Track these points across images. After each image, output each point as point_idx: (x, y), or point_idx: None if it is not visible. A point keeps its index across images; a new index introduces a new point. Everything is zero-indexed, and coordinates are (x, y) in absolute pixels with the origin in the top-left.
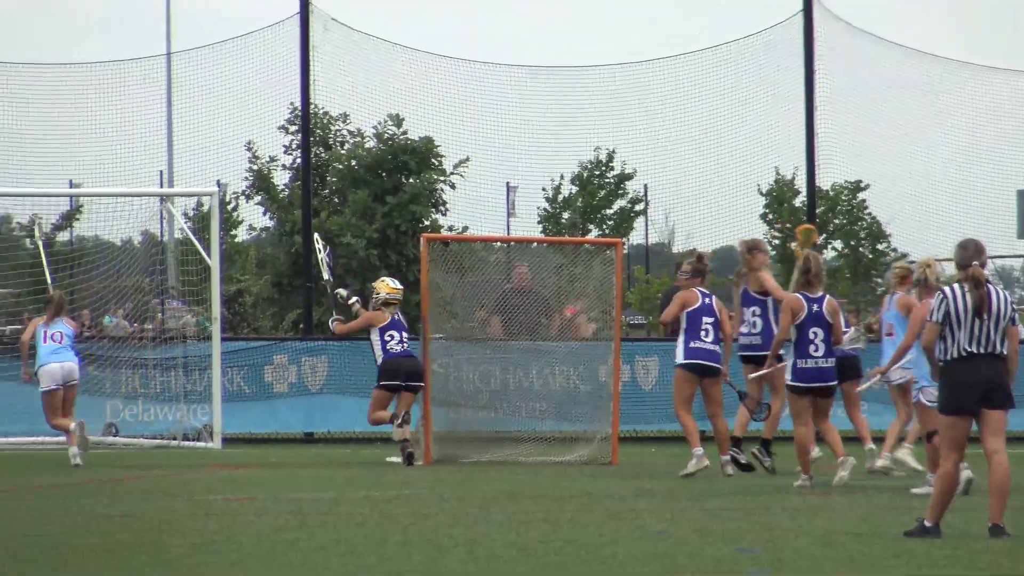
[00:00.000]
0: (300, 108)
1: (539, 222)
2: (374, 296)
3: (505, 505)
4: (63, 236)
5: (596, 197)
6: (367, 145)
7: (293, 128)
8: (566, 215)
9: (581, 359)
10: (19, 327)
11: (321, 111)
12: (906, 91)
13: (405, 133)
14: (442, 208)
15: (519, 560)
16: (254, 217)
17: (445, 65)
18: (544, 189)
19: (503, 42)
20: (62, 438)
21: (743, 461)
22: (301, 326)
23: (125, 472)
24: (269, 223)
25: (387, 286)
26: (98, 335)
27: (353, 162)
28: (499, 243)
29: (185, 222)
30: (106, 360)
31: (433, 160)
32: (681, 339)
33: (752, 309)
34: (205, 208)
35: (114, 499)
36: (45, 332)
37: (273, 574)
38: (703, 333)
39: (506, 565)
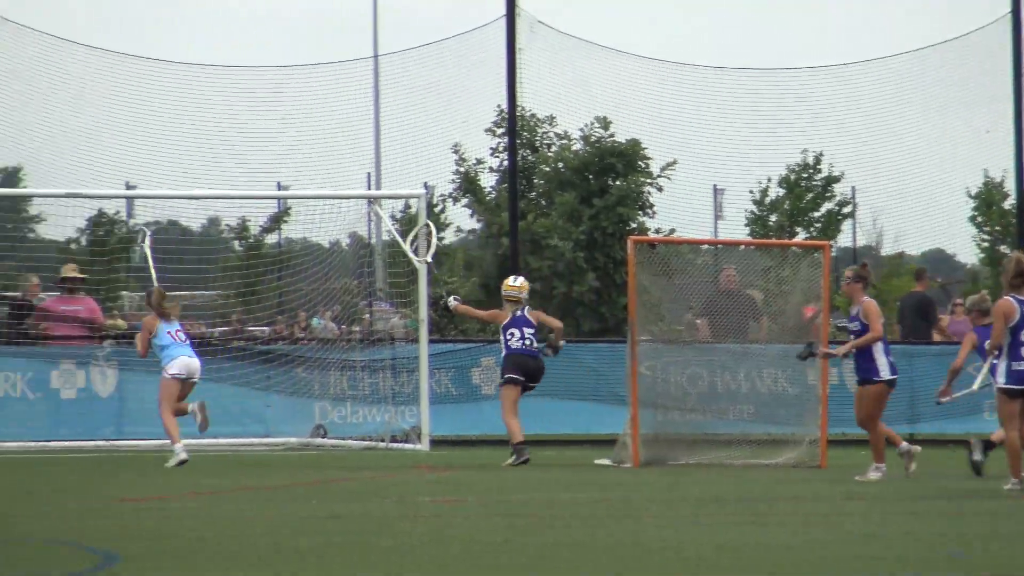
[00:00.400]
0: (507, 110)
1: (746, 224)
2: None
3: (713, 508)
4: (271, 238)
5: (803, 200)
6: (574, 148)
7: (500, 130)
8: (773, 218)
9: (789, 362)
10: (225, 328)
11: (528, 113)
12: None
13: (612, 136)
14: (649, 211)
15: (727, 563)
16: (461, 219)
17: (652, 67)
18: (751, 192)
19: (710, 44)
20: (276, 440)
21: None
22: None
23: (334, 474)
24: (476, 225)
25: (506, 284)
26: (307, 337)
27: (560, 164)
28: (706, 246)
29: (392, 224)
30: (315, 362)
31: (640, 163)
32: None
33: None
34: (412, 210)
35: (323, 501)
36: (168, 331)
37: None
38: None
39: (714, 568)
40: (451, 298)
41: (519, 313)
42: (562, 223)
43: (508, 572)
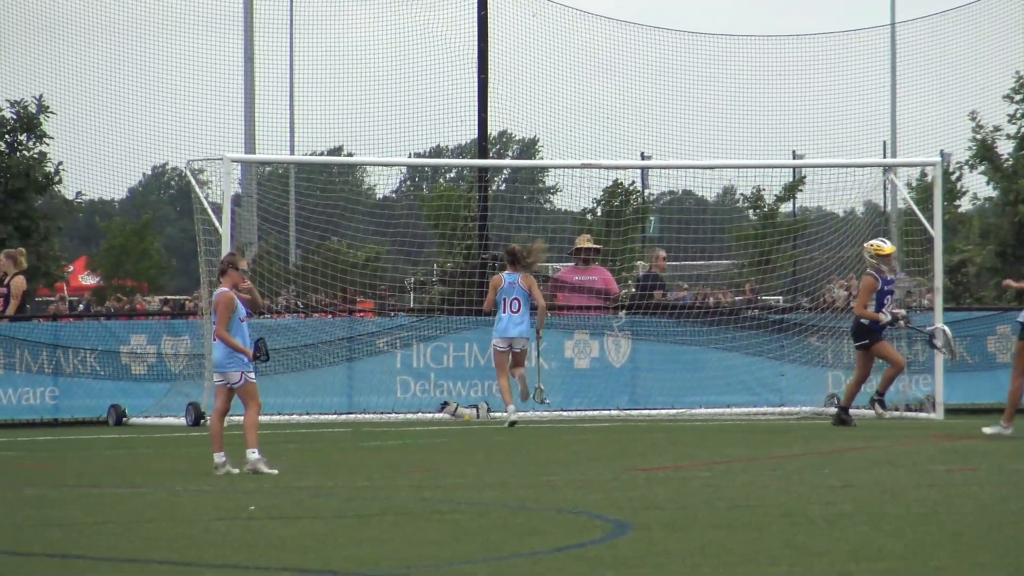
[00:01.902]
0: None
1: None
2: None
3: None
4: (786, 207)
5: None
6: None
7: (1017, 97)
8: None
9: None
10: (739, 298)
11: None
12: None
13: None
14: None
15: None
16: (978, 187)
17: None
18: None
19: None
20: (790, 408)
21: None
22: None
23: (847, 443)
24: (992, 193)
25: None
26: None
27: None
28: None
29: (908, 192)
30: (828, 331)
31: None
32: None
33: None
34: (928, 178)
35: (836, 469)
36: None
37: (995, 545)
38: None
39: None
40: None
41: None
42: None
43: (1019, 541)
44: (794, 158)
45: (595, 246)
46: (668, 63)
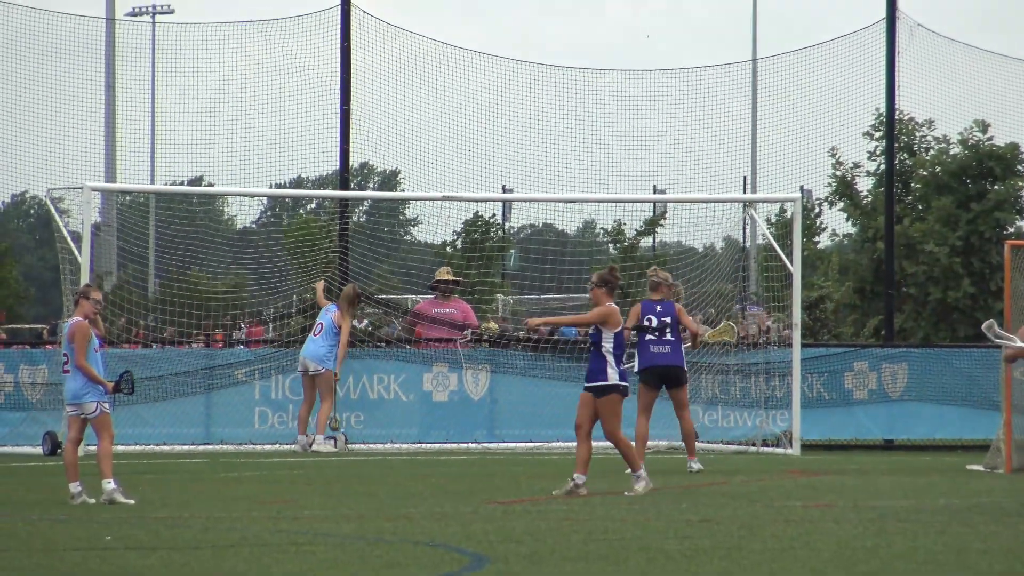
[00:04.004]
0: (885, 114)
1: None
2: None
3: None
4: (646, 242)
5: None
6: (951, 151)
7: (878, 134)
8: None
9: None
10: None
11: (906, 117)
12: None
13: (991, 139)
14: None
15: None
16: (837, 223)
17: None
18: None
19: None
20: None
21: None
22: (882, 333)
23: (705, 478)
24: (851, 229)
25: None
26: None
27: (937, 168)
28: None
29: (767, 228)
30: (689, 366)
31: (1019, 166)
32: None
33: None
34: (788, 214)
35: (694, 504)
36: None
37: None
38: None
39: None
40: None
41: None
42: (938, 228)
43: None
44: (655, 192)
45: (454, 278)
46: (530, 96)
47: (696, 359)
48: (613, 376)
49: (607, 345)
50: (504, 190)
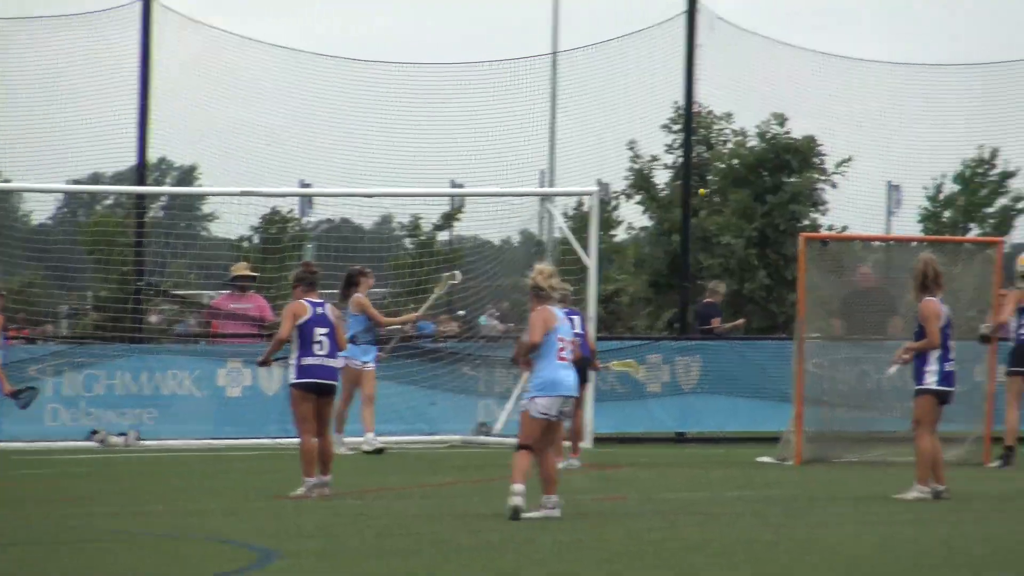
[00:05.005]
0: (683, 107)
1: (919, 221)
2: None
3: (876, 506)
4: (443, 236)
5: (977, 195)
6: (749, 144)
7: (676, 127)
8: (947, 214)
9: (957, 360)
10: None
11: (704, 110)
12: None
13: (788, 132)
14: (822, 208)
15: (887, 561)
16: (634, 217)
17: (828, 63)
18: (925, 188)
19: (886, 40)
20: (440, 437)
21: None
22: (676, 325)
23: (499, 472)
24: (648, 223)
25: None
26: (475, 335)
27: (735, 161)
28: (877, 242)
29: (564, 221)
30: (481, 360)
31: (814, 159)
32: None
33: None
34: (585, 208)
35: (487, 498)
36: None
37: (640, 573)
38: None
39: (871, 565)
40: None
41: None
42: (735, 220)
43: (668, 568)
44: (453, 187)
45: (252, 273)
46: (329, 90)
47: (488, 353)
48: None
49: None
50: (302, 185)
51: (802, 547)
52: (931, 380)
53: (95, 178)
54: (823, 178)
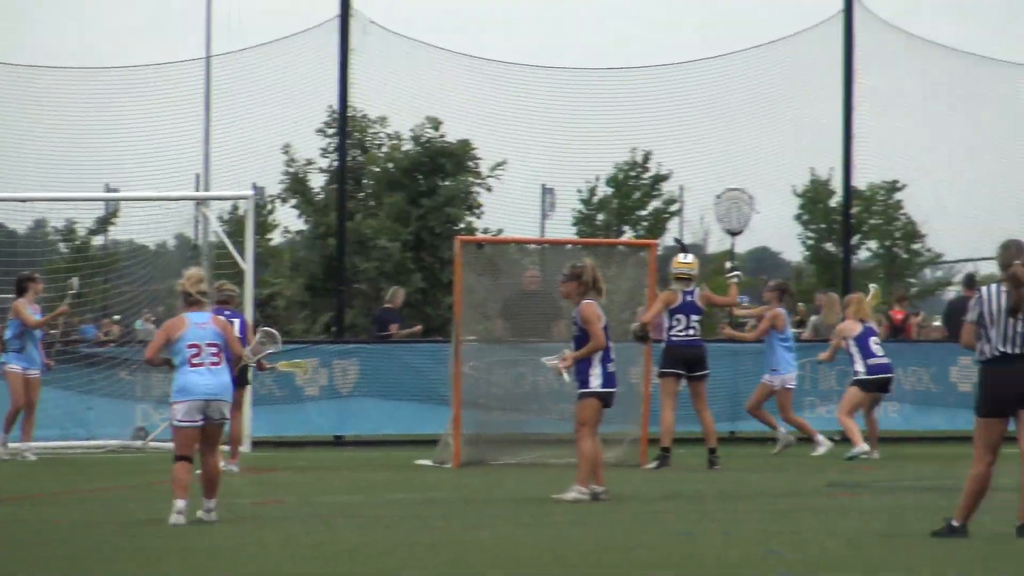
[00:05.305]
0: (338, 111)
1: (573, 224)
2: None
3: (534, 508)
4: (98, 240)
5: (631, 198)
6: (404, 148)
7: (331, 131)
8: (601, 217)
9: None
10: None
11: (359, 114)
12: (942, 89)
13: (442, 136)
14: (477, 211)
15: (546, 562)
16: (289, 220)
17: (482, 67)
18: (579, 191)
19: (542, 45)
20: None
21: None
22: (333, 329)
23: (156, 476)
24: (304, 226)
25: (676, 261)
26: (132, 340)
27: (390, 165)
28: (533, 245)
29: (220, 225)
30: (137, 364)
31: (469, 163)
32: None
33: None
34: (240, 212)
35: (143, 503)
36: None
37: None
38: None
39: (533, 567)
40: None
41: (688, 298)
42: (390, 224)
43: (324, 572)
44: (107, 191)
45: None
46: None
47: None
48: None
49: None
50: None
51: (462, 549)
52: (596, 383)
53: None
54: (478, 181)
